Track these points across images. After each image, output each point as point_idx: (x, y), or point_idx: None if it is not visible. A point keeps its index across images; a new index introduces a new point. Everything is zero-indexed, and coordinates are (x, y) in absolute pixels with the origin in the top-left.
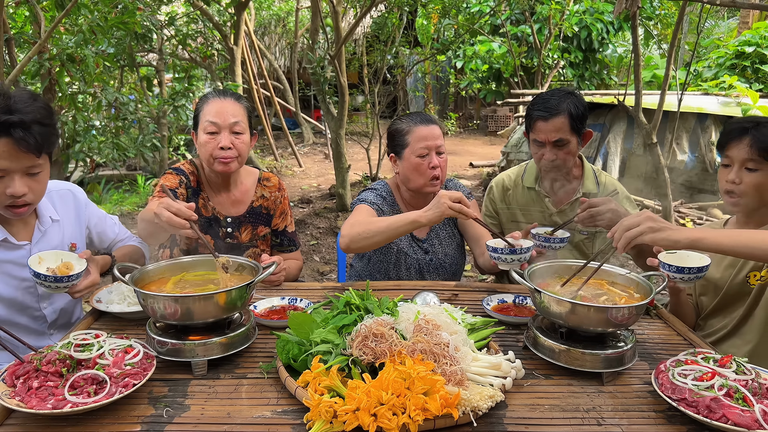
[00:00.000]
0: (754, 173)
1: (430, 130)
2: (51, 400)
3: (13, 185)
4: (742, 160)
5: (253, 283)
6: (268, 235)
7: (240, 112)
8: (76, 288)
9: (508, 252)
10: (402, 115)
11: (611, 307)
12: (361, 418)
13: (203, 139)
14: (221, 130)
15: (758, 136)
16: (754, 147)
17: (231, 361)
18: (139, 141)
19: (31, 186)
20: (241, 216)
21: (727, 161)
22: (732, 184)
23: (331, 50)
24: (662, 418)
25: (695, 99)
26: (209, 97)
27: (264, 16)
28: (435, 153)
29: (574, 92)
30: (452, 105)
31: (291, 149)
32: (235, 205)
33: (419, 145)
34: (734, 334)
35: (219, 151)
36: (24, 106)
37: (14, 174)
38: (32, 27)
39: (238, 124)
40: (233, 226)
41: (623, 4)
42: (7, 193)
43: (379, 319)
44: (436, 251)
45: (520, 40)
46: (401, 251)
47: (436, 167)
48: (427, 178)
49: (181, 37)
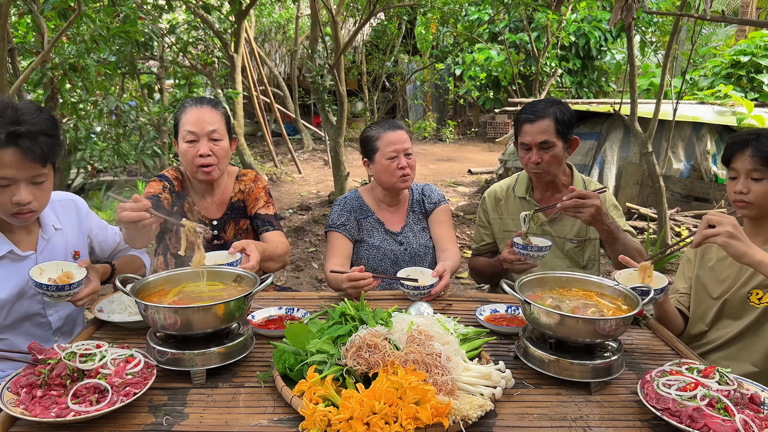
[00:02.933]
0: (760, 182)
1: (397, 135)
2: (54, 409)
3: (19, 193)
4: (747, 171)
5: (250, 294)
6: (249, 227)
7: (217, 119)
8: (78, 296)
9: (537, 249)
10: (371, 124)
11: (599, 319)
12: (355, 427)
13: (183, 147)
14: (200, 138)
15: (759, 146)
16: (757, 157)
17: (229, 370)
18: (139, 147)
19: (36, 194)
20: (224, 215)
21: (734, 173)
22: (740, 194)
23: (330, 59)
24: (647, 427)
25: (691, 108)
26: (186, 106)
27: (264, 23)
28: (403, 155)
29: (560, 101)
30: (451, 112)
31: (291, 156)
32: (218, 206)
33: (388, 149)
34: (726, 348)
35: (199, 158)
36: (31, 118)
37: (20, 183)
38: (35, 36)
39: (216, 132)
40: (218, 228)
41: (618, 14)
42: (13, 201)
43: (373, 329)
44: (410, 242)
45: (518, 48)
46: (373, 246)
47: (405, 167)
48: (397, 177)
49: (181, 44)
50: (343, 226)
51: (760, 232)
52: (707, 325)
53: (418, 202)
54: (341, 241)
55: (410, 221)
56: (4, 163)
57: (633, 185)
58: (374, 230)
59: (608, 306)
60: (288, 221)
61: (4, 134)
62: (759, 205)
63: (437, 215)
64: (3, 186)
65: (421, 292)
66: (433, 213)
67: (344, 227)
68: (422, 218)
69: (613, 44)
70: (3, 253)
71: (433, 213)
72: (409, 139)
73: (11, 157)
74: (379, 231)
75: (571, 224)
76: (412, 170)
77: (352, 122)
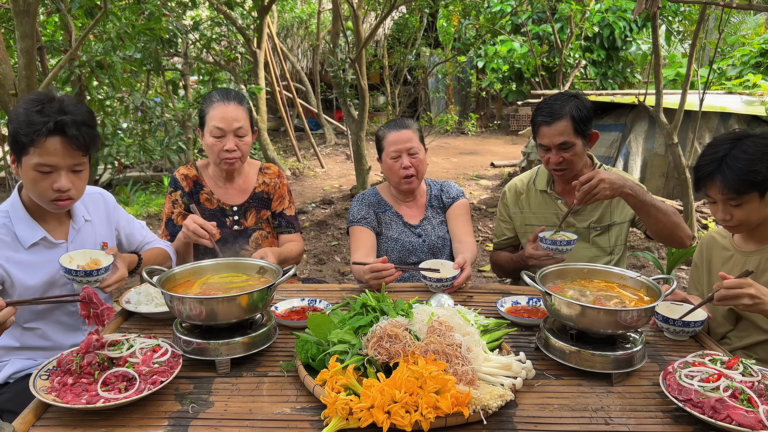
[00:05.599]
0: (739, 207)
1: (400, 135)
2: (85, 396)
3: (60, 180)
4: (723, 200)
5: (274, 286)
6: (270, 217)
7: (243, 116)
8: (106, 282)
9: (565, 243)
10: (384, 124)
11: (620, 310)
12: (376, 416)
13: (210, 141)
14: (226, 134)
15: (725, 178)
16: (726, 187)
17: (253, 359)
18: (165, 143)
19: (74, 182)
20: (245, 203)
21: (711, 200)
22: (724, 221)
23: (351, 54)
24: (669, 418)
25: (718, 98)
26: (214, 101)
27: (286, 18)
28: (407, 154)
29: (577, 95)
30: (474, 105)
31: (313, 150)
32: (240, 194)
33: (391, 149)
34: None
35: (225, 153)
36: (74, 108)
37: (61, 170)
38: (62, 35)
39: (241, 129)
40: (239, 214)
41: (643, 4)
42: (54, 187)
43: (393, 320)
44: (429, 234)
45: (541, 39)
46: (392, 238)
47: (409, 167)
48: (400, 177)
49: (205, 41)
50: (363, 219)
51: (753, 236)
52: (725, 330)
53: (437, 197)
54: (364, 234)
55: (429, 215)
56: (48, 151)
57: (658, 177)
58: (393, 223)
59: (630, 297)
60: (310, 215)
61: (53, 122)
62: (746, 224)
63: (455, 209)
64: (45, 173)
65: (444, 284)
66: (451, 207)
67: (365, 220)
68: (441, 212)
69: (638, 34)
70: (38, 239)
71: (451, 207)
72: (417, 137)
73: (56, 145)
74: (397, 224)
75: (592, 211)
76: (418, 170)
77: (374, 116)
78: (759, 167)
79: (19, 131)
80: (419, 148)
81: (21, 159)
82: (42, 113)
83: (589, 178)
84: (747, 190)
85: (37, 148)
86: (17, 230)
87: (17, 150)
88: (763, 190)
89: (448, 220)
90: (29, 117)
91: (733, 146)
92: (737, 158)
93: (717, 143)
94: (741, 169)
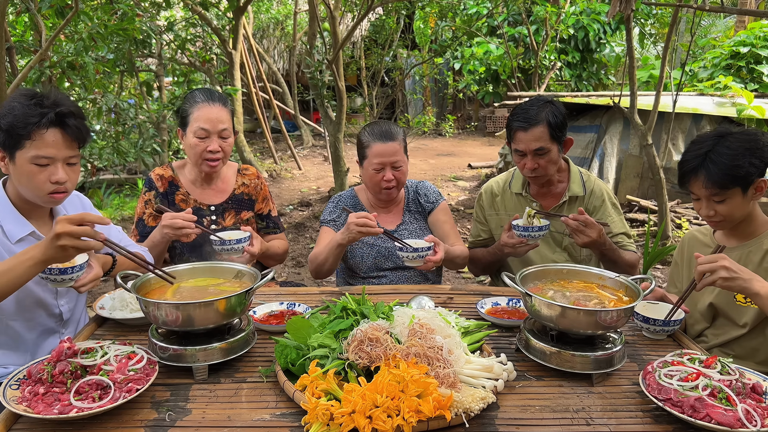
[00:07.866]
0: (723, 203)
1: (386, 147)
2: (57, 406)
3: (57, 172)
4: (706, 197)
5: (252, 290)
6: (252, 218)
7: (227, 117)
8: (81, 281)
9: (537, 229)
10: (367, 125)
11: (600, 311)
12: (357, 421)
13: (193, 141)
14: (211, 135)
15: (709, 173)
16: (710, 182)
17: (231, 365)
18: (139, 145)
19: (69, 175)
20: (224, 203)
21: (695, 196)
22: (708, 217)
23: (328, 55)
24: (649, 417)
25: (691, 99)
26: (198, 101)
27: (262, 19)
28: (391, 168)
29: (552, 101)
30: (450, 106)
31: (290, 152)
32: (218, 194)
33: (375, 161)
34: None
35: (208, 153)
36: (68, 101)
37: (58, 162)
38: (33, 35)
39: (225, 130)
40: (216, 213)
41: (617, 6)
42: (52, 180)
43: (374, 323)
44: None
45: (517, 41)
46: (367, 244)
47: (390, 180)
48: (380, 189)
49: (180, 42)
50: (333, 222)
51: (735, 233)
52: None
53: (414, 201)
54: (329, 234)
55: (406, 220)
56: (47, 143)
57: (633, 178)
58: None
59: (609, 297)
60: (288, 217)
61: (53, 113)
62: (729, 219)
63: (438, 215)
64: (42, 165)
65: (420, 254)
66: (433, 213)
67: (334, 223)
68: (420, 217)
69: (612, 37)
70: (26, 233)
71: (433, 213)
72: (402, 148)
73: (53, 137)
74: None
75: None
76: (399, 181)
77: (352, 118)
78: (741, 162)
79: (15, 124)
80: (404, 161)
81: (14, 154)
82: (41, 105)
83: (590, 225)
84: (730, 184)
85: (34, 140)
86: (4, 225)
87: (10, 145)
88: (745, 186)
89: (433, 226)
90: (27, 110)
91: (716, 142)
92: (721, 153)
93: (701, 140)
94: (724, 164)
